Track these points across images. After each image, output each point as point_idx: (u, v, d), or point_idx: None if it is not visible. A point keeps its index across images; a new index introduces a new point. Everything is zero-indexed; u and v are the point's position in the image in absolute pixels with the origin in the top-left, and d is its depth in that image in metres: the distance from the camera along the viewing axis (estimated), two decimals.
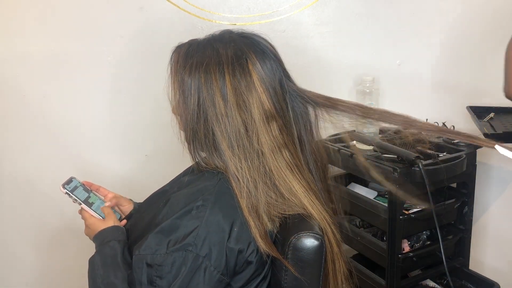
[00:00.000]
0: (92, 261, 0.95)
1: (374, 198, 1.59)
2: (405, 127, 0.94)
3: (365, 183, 1.69)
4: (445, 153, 1.47)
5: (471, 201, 1.56)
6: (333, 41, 1.72)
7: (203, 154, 0.93)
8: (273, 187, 0.88)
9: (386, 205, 1.44)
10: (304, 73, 1.49)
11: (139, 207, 1.16)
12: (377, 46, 1.75)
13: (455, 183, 1.58)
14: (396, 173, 1.35)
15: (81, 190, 1.07)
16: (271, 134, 0.88)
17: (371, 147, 1.54)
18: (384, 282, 1.49)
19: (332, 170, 1.69)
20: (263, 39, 0.93)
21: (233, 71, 0.87)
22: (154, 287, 0.83)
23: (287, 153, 0.90)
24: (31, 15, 1.55)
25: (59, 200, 1.50)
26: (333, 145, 1.59)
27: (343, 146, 1.58)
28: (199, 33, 0.99)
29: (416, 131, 0.94)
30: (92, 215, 1.04)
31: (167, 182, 1.09)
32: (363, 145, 1.57)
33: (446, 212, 1.49)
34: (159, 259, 0.82)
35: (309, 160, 0.95)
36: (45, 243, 1.74)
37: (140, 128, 1.68)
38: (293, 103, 0.93)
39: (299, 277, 0.87)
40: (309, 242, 0.87)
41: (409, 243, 1.53)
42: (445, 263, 1.41)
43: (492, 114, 1.58)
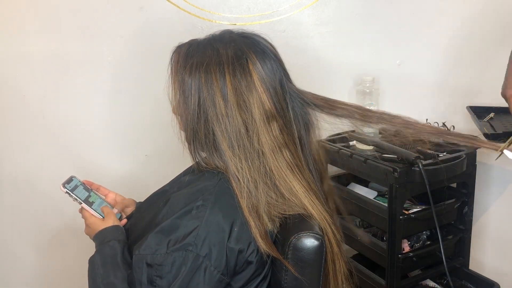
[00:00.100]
0: (92, 261, 0.96)
1: (374, 198, 1.60)
2: (405, 129, 0.94)
3: (365, 183, 1.69)
4: (445, 153, 1.47)
5: (471, 201, 1.56)
6: (333, 41, 1.72)
7: (203, 154, 0.93)
8: (273, 187, 0.88)
9: (386, 205, 1.44)
10: (304, 73, 1.50)
11: (139, 206, 1.16)
12: (377, 46, 1.75)
13: (455, 183, 1.58)
14: (396, 173, 1.35)
15: (82, 189, 1.07)
16: (271, 134, 0.88)
17: (371, 147, 1.54)
18: (384, 282, 1.49)
19: (332, 170, 1.70)
20: (263, 39, 0.93)
21: (234, 71, 0.87)
22: (154, 287, 0.83)
23: (287, 153, 0.90)
24: (31, 15, 1.55)
25: (59, 200, 1.51)
26: (333, 145, 1.59)
27: (343, 146, 1.59)
28: (199, 33, 0.99)
29: (415, 133, 0.94)
30: (92, 214, 1.04)
31: (167, 182, 1.09)
32: (363, 145, 1.57)
33: (446, 212, 1.49)
34: (159, 258, 0.82)
35: (309, 160, 0.95)
36: (45, 243, 1.74)
37: (140, 128, 1.68)
38: (293, 103, 0.93)
39: (299, 277, 0.87)
40: (309, 242, 0.87)
41: (409, 243, 1.53)
42: (445, 263, 1.41)
43: (492, 114, 1.58)
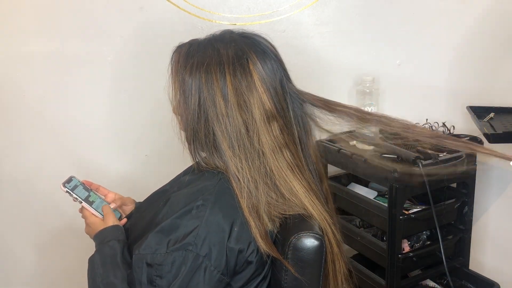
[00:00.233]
0: (91, 261, 0.96)
1: (374, 198, 1.59)
2: (403, 133, 0.94)
3: (365, 183, 1.69)
4: (445, 153, 1.47)
5: (471, 201, 1.56)
6: (333, 41, 1.72)
7: (204, 154, 0.93)
8: (273, 187, 0.88)
9: (386, 205, 1.44)
10: (304, 73, 1.49)
11: (139, 206, 1.16)
12: (377, 46, 1.75)
13: (455, 183, 1.58)
14: (396, 173, 1.35)
15: (81, 189, 1.07)
16: (272, 134, 0.88)
17: (371, 147, 1.54)
18: (384, 282, 1.49)
19: (332, 170, 1.70)
20: (264, 39, 0.93)
21: (234, 71, 0.87)
22: (154, 287, 0.83)
23: (288, 153, 0.90)
24: (31, 15, 1.55)
25: (59, 200, 1.51)
26: (333, 145, 1.59)
27: (343, 146, 1.58)
28: (199, 33, 0.99)
29: (414, 137, 0.94)
30: (92, 214, 1.04)
31: (167, 182, 1.09)
32: (363, 145, 1.57)
33: (446, 212, 1.49)
34: (159, 258, 0.82)
35: (309, 160, 0.95)
36: (45, 243, 1.74)
37: (140, 128, 1.68)
38: (293, 103, 0.93)
39: (299, 277, 0.87)
40: (309, 242, 0.87)
41: (409, 243, 1.53)
42: (445, 263, 1.41)
43: (492, 114, 1.58)
